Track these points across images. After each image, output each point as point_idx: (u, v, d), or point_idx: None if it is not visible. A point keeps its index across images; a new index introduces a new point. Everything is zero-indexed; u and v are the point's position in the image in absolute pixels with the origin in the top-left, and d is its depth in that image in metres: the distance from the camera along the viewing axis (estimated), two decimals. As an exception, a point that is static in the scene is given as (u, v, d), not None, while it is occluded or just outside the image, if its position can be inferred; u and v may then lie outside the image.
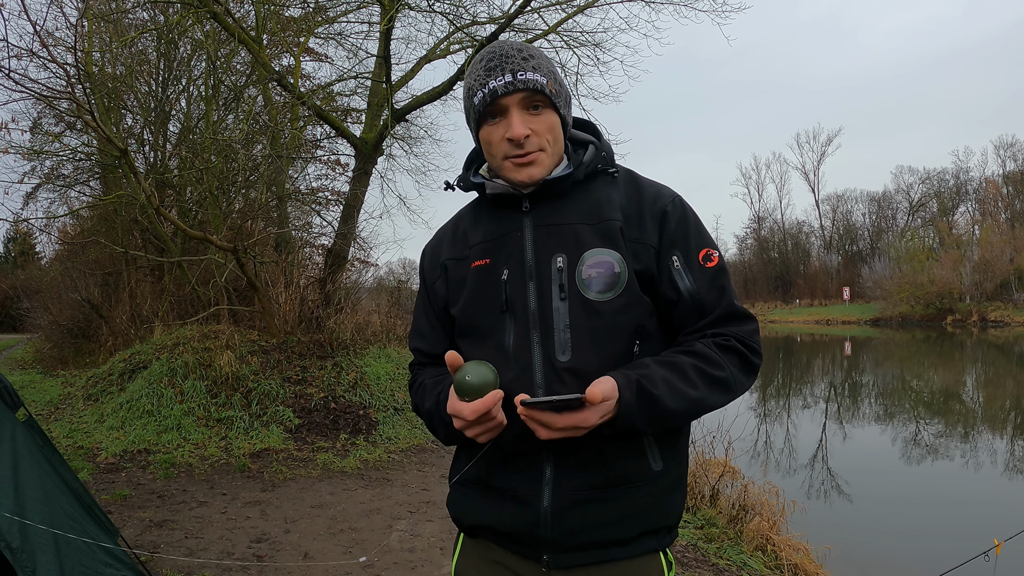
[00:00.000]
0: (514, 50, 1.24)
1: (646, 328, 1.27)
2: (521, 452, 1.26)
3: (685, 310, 1.28)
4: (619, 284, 1.24)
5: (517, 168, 1.26)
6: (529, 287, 1.27)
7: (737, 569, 4.35)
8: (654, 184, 1.36)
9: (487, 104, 1.24)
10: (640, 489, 1.25)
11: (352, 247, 11.07)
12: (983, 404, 14.27)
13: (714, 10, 10.91)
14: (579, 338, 1.23)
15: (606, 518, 1.23)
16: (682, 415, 1.19)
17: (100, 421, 7.38)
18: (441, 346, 1.41)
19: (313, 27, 10.63)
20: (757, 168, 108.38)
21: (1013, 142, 61.51)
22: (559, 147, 1.30)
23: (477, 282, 1.32)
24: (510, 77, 1.22)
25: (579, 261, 1.25)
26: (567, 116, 1.31)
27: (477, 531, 1.34)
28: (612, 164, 1.36)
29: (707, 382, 1.21)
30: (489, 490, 1.30)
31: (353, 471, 6.24)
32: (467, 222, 1.41)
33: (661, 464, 1.27)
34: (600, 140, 1.37)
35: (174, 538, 4.36)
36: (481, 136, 1.29)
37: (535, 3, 9.93)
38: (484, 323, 1.29)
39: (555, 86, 1.26)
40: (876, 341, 34.32)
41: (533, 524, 1.24)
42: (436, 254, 1.43)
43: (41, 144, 12.41)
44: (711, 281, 1.28)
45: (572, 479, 1.23)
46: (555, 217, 1.29)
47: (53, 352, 14.70)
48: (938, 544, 5.83)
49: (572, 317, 1.24)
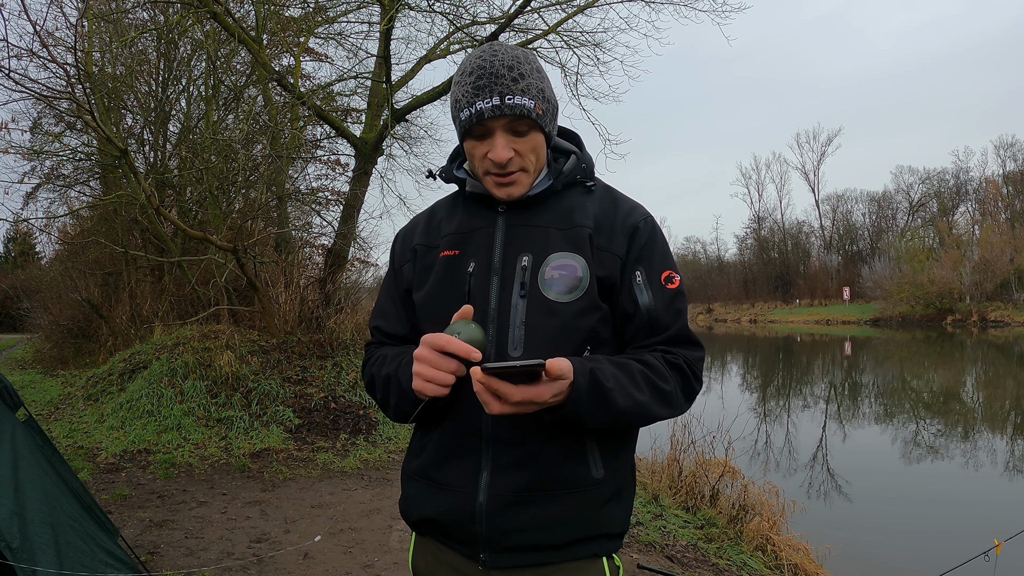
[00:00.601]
0: (504, 68, 1.23)
1: (599, 334, 1.29)
2: (462, 445, 1.27)
3: (639, 324, 1.30)
4: (580, 288, 1.26)
5: (497, 187, 1.29)
6: (492, 282, 1.29)
7: (737, 569, 4.35)
8: (630, 201, 1.39)
9: (473, 123, 1.24)
10: (578, 495, 1.25)
11: (352, 247, 11.07)
12: (983, 404, 14.27)
13: (714, 10, 10.91)
14: (532, 335, 1.25)
15: (540, 521, 1.23)
16: (626, 416, 1.19)
17: (100, 421, 7.38)
18: (402, 328, 1.43)
19: (313, 27, 10.63)
20: (757, 168, 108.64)
21: (1013, 142, 61.65)
22: (541, 163, 1.32)
23: (443, 271, 1.34)
24: (498, 100, 1.21)
25: (544, 262, 1.28)
26: (552, 131, 1.33)
27: (423, 527, 1.36)
28: (590, 178, 1.39)
29: (653, 391, 1.21)
30: (431, 483, 1.31)
31: (353, 471, 6.24)
32: (443, 212, 1.43)
33: (602, 471, 1.27)
34: (582, 151, 1.40)
35: (174, 538, 4.36)
36: (465, 146, 1.31)
37: (535, 3, 9.93)
38: (445, 312, 1.29)
39: (543, 106, 1.27)
40: (876, 341, 34.32)
41: (470, 519, 1.25)
42: (408, 238, 1.46)
43: (41, 144, 12.42)
44: (669, 302, 1.30)
45: (508, 477, 1.24)
46: (527, 219, 1.32)
47: (53, 352, 14.71)
48: (938, 544, 5.84)
49: (529, 315, 1.25)
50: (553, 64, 10.90)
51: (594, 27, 12.00)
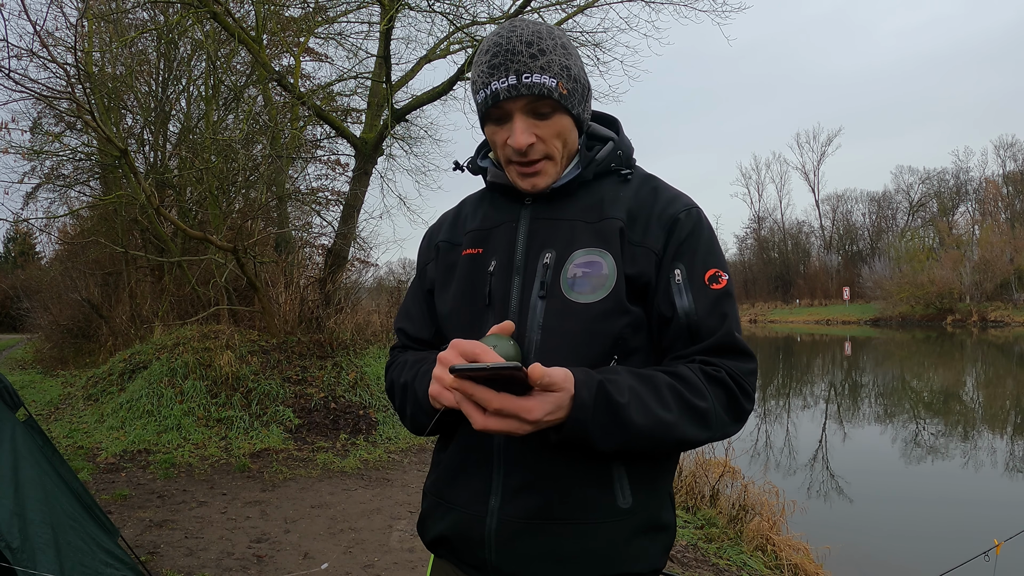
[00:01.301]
0: (523, 44, 1.10)
1: (628, 342, 1.13)
2: (471, 463, 1.17)
3: (677, 330, 1.14)
4: (605, 287, 1.12)
5: (521, 177, 1.18)
6: (514, 282, 1.17)
7: (737, 569, 4.35)
8: (673, 190, 1.23)
9: (489, 106, 1.13)
10: (600, 526, 1.10)
11: (352, 247, 11.08)
12: (983, 404, 14.27)
13: (714, 10, 10.95)
14: (549, 341, 1.12)
15: (554, 552, 1.10)
16: (647, 437, 1.03)
17: (100, 421, 7.38)
18: (427, 331, 1.32)
19: (313, 27, 10.63)
20: (757, 168, 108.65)
21: (1013, 142, 61.66)
22: (570, 150, 1.19)
23: (465, 271, 1.23)
24: (514, 80, 1.09)
25: (567, 259, 1.15)
26: (583, 113, 1.19)
27: (438, 547, 1.25)
28: (628, 165, 1.25)
29: (683, 408, 1.05)
30: (442, 501, 1.22)
31: (353, 471, 6.24)
32: (469, 208, 1.33)
33: (630, 500, 1.11)
34: (620, 136, 1.26)
35: (174, 538, 4.36)
36: (486, 133, 1.20)
37: (535, 3, 9.94)
38: (466, 315, 1.20)
39: (568, 85, 1.13)
40: (876, 341, 34.32)
41: (479, 544, 1.14)
42: (433, 236, 1.36)
43: (41, 144, 12.42)
44: (713, 304, 1.13)
45: (519, 501, 1.11)
46: (554, 211, 1.20)
47: (53, 352, 14.70)
48: (938, 544, 5.83)
49: (546, 318, 1.13)
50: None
51: (594, 27, 12.03)
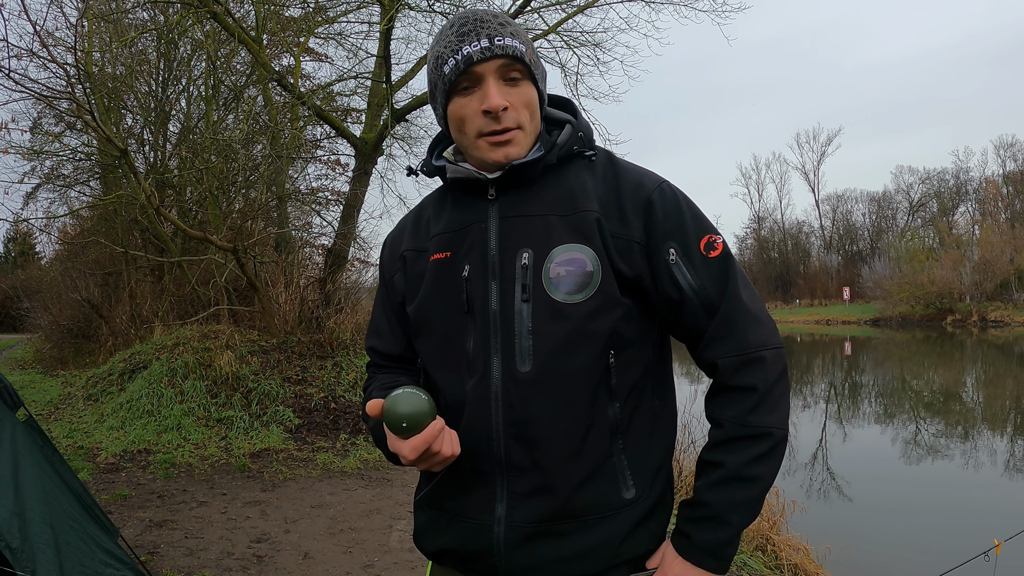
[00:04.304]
0: (490, 15, 1.11)
1: (623, 335, 1.12)
2: (473, 471, 1.13)
3: (692, 310, 1.13)
4: (591, 285, 1.09)
5: (492, 147, 1.11)
6: (491, 286, 1.13)
7: (737, 569, 4.34)
8: (636, 169, 1.20)
9: (460, 72, 1.09)
10: (606, 520, 1.11)
11: (352, 247, 11.07)
12: (983, 404, 14.26)
13: (714, 10, 10.91)
14: (542, 346, 1.09)
15: (565, 553, 1.10)
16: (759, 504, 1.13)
17: (100, 421, 7.38)
18: (398, 347, 1.30)
19: (313, 27, 10.63)
20: (757, 168, 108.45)
21: (1013, 142, 61.43)
22: (536, 125, 1.16)
23: (436, 278, 1.18)
24: (487, 42, 1.08)
25: (547, 257, 1.11)
26: (544, 92, 1.18)
27: (440, 557, 1.23)
28: (590, 146, 1.20)
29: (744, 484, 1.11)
30: (442, 512, 1.19)
31: (353, 471, 6.24)
32: (430, 210, 1.27)
33: (634, 490, 1.13)
34: (577, 118, 1.22)
35: (174, 538, 4.36)
36: (450, 111, 1.14)
37: (535, 3, 9.94)
38: (442, 324, 1.17)
39: (534, 56, 1.13)
40: (876, 341, 34.31)
41: (487, 554, 1.12)
42: (396, 245, 1.30)
43: (41, 144, 12.43)
44: (716, 271, 1.13)
45: (527, 507, 1.10)
46: (523, 207, 1.15)
47: (53, 352, 14.72)
48: (938, 544, 5.83)
49: (535, 322, 1.10)
50: (553, 64, 10.90)
51: (594, 27, 11.98)
